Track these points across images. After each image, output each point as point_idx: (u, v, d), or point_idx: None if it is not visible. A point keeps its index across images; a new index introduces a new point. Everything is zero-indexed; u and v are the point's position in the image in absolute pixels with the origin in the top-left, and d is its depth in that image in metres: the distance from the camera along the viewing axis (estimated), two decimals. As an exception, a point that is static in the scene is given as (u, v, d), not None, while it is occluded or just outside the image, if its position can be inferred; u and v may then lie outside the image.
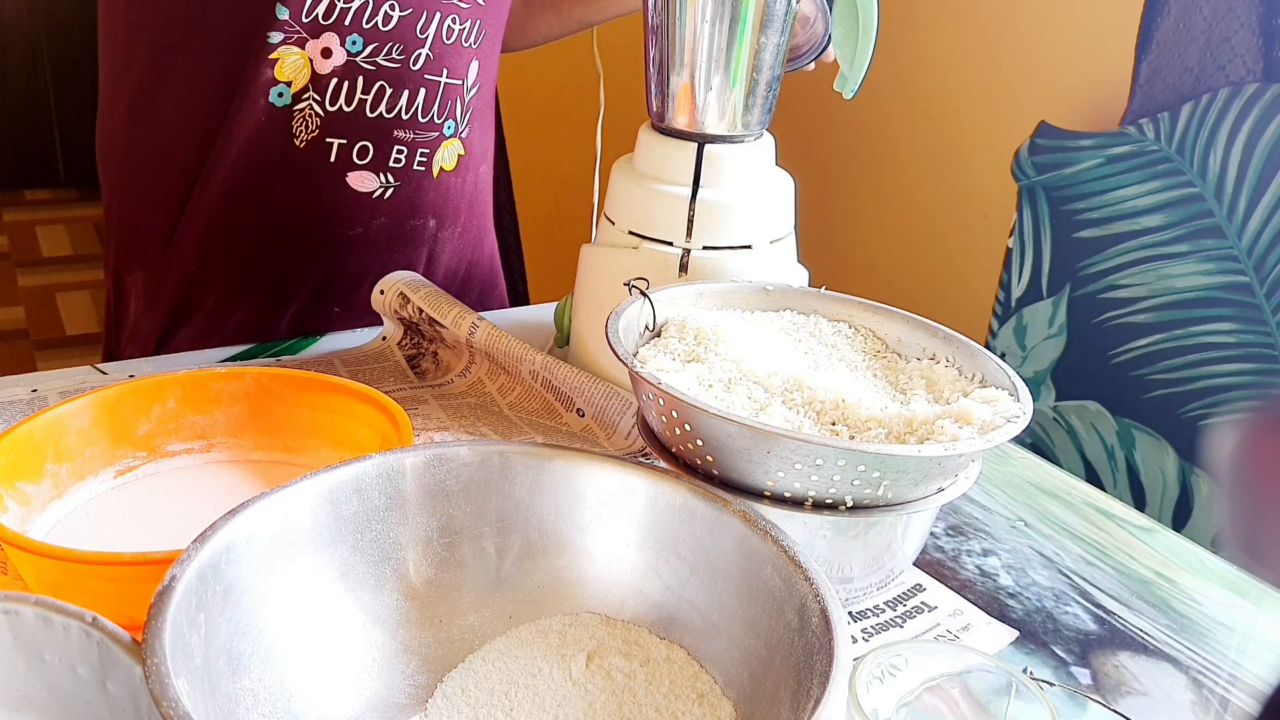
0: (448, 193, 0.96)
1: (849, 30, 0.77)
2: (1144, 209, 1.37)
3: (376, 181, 0.91)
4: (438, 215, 0.96)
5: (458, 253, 1.01)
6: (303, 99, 0.85)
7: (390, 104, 0.88)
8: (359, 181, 0.90)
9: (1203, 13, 1.28)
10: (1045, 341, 1.52)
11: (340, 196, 0.90)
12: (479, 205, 1.03)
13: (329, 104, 0.86)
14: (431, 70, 0.89)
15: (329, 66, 0.85)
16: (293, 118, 0.86)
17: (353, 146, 0.88)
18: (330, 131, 0.87)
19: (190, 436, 0.66)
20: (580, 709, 0.47)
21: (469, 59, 0.92)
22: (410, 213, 0.94)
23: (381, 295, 0.87)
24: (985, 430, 0.55)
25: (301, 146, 0.87)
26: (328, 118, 0.87)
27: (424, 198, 0.94)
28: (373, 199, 0.91)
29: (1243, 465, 0.29)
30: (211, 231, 0.90)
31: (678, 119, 0.75)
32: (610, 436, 0.75)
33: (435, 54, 0.89)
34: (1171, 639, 0.62)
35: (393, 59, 0.86)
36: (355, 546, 0.49)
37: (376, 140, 0.89)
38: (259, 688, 0.44)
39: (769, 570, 0.47)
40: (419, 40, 0.87)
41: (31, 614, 0.41)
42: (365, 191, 0.91)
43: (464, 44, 0.91)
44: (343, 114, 0.87)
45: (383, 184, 0.91)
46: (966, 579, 0.66)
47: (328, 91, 0.86)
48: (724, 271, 0.75)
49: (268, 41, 0.83)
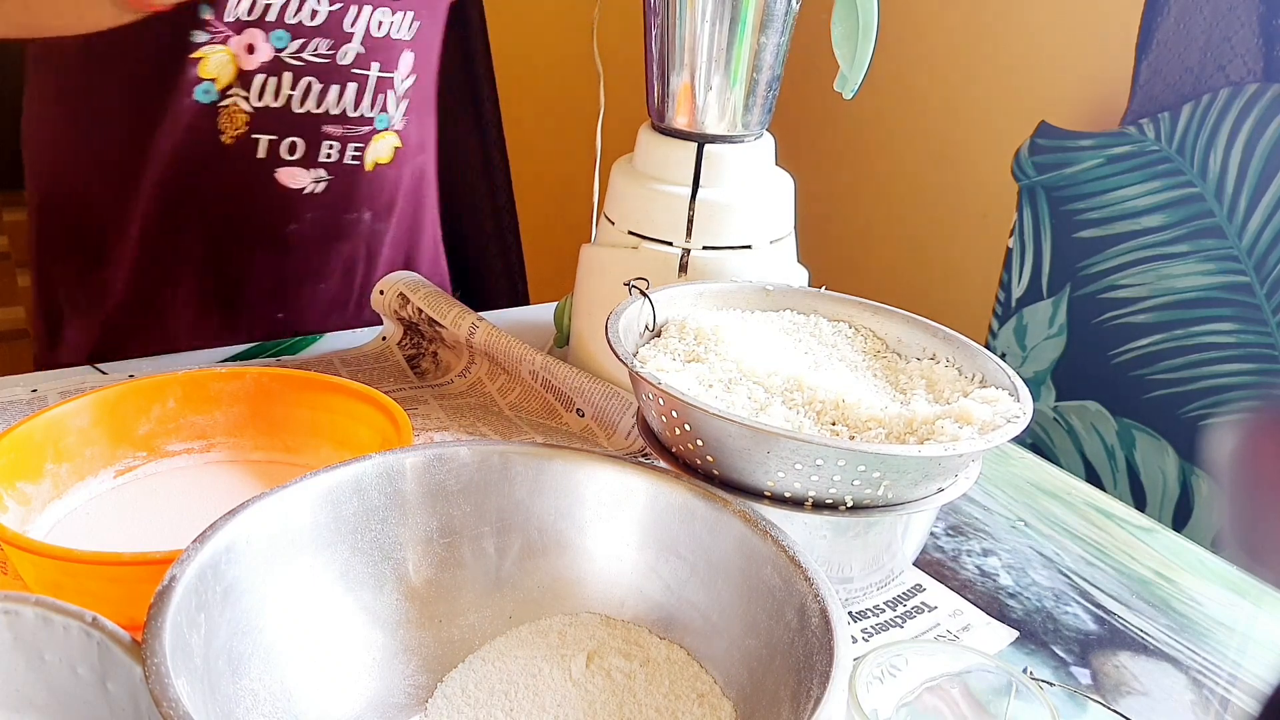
0: (383, 185, 0.95)
1: (849, 30, 0.77)
2: (1144, 209, 1.37)
3: (307, 177, 0.90)
4: (373, 208, 0.95)
5: (396, 244, 1.00)
6: (229, 95, 0.84)
7: (319, 99, 0.87)
8: (289, 178, 0.89)
9: (1203, 13, 1.28)
10: (1045, 341, 1.52)
11: (271, 193, 0.89)
12: (418, 195, 1.02)
13: (256, 100, 0.85)
14: (361, 64, 0.88)
15: (255, 63, 0.84)
16: (219, 115, 0.85)
17: (281, 142, 0.87)
18: (258, 128, 0.86)
19: (190, 436, 0.66)
20: (580, 709, 0.47)
21: (401, 51, 0.91)
22: (344, 206, 0.93)
23: (381, 295, 0.87)
24: (985, 430, 0.55)
25: (229, 143, 0.86)
26: (255, 114, 0.86)
27: (357, 192, 0.93)
28: (304, 195, 0.90)
29: (1243, 465, 0.29)
30: (146, 231, 0.89)
31: (678, 119, 0.75)
32: (610, 436, 0.75)
33: (366, 48, 0.88)
34: (1171, 639, 0.62)
35: (320, 54, 0.86)
36: (355, 546, 0.49)
37: (306, 136, 0.88)
38: (259, 688, 0.44)
39: (769, 570, 0.47)
40: (347, 35, 0.86)
41: (31, 614, 0.41)
42: (296, 188, 0.90)
43: (395, 37, 0.90)
44: (270, 110, 0.86)
45: (314, 179, 0.90)
46: (966, 579, 0.66)
47: (254, 88, 0.85)
48: (724, 271, 0.75)
49: (191, 40, 0.82)
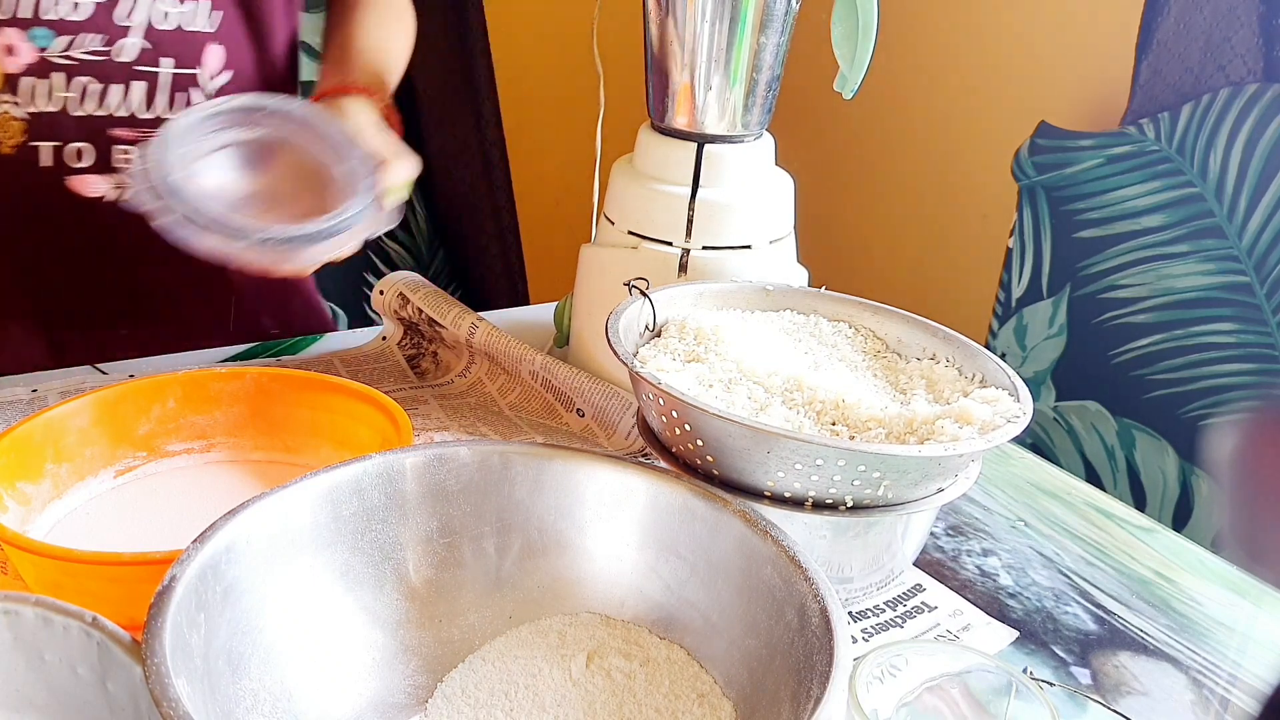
0: None
1: (849, 30, 0.76)
2: (1144, 209, 1.37)
3: (106, 185, 0.84)
4: None
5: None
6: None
7: (99, 100, 0.81)
8: (85, 186, 0.84)
9: (1203, 13, 1.28)
10: (1045, 341, 1.52)
11: (68, 204, 0.83)
12: None
13: (28, 104, 0.80)
14: (147, 61, 0.82)
15: (18, 65, 0.79)
16: None
17: (66, 148, 0.82)
18: (37, 135, 0.81)
19: (190, 436, 0.66)
20: (580, 709, 0.47)
21: (203, 45, 0.84)
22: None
23: (381, 295, 0.87)
24: (985, 430, 0.55)
25: (10, 153, 0.81)
26: (31, 120, 0.81)
27: None
28: (113, 205, 0.84)
29: (1243, 465, 0.29)
30: None
31: (678, 119, 0.75)
32: (610, 436, 0.75)
33: (152, 42, 0.81)
34: (1171, 639, 0.62)
35: (93, 52, 0.80)
36: (355, 546, 0.49)
37: (94, 140, 0.82)
38: (259, 688, 0.44)
39: (769, 570, 0.47)
40: (121, 29, 0.80)
41: (31, 614, 0.41)
42: (96, 196, 0.84)
43: (190, 29, 0.83)
44: (46, 115, 0.81)
45: (117, 186, 0.84)
46: (966, 579, 0.66)
47: (21, 91, 0.80)
48: (724, 271, 0.75)
49: None
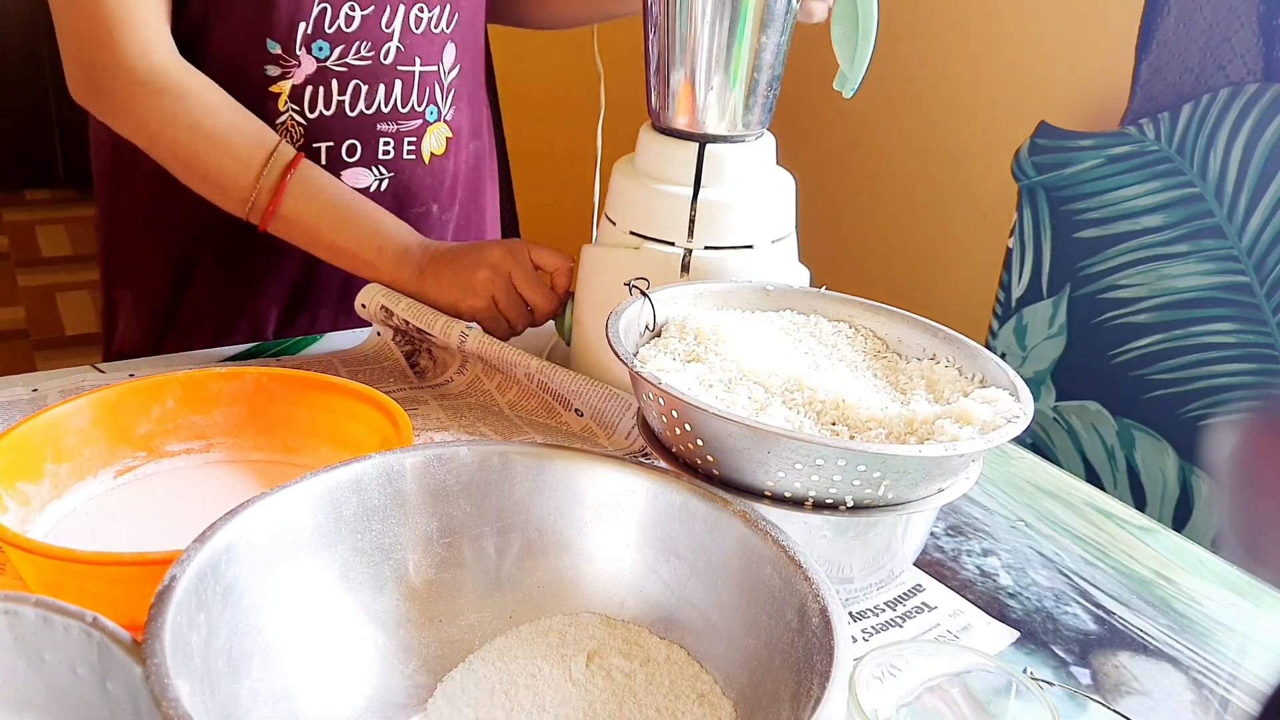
0: (442, 175, 0.97)
1: (849, 30, 0.76)
2: (1144, 209, 1.37)
3: (370, 176, 0.92)
4: (436, 199, 0.98)
5: (459, 232, 1.02)
6: (283, 112, 0.87)
7: (368, 100, 0.90)
8: (354, 178, 0.92)
9: (1203, 13, 1.28)
10: (1045, 341, 1.52)
11: None
12: (474, 181, 1.04)
13: (309, 111, 0.88)
14: (404, 61, 0.90)
15: (301, 76, 0.87)
16: (276, 130, 0.87)
17: (340, 147, 0.90)
18: (316, 137, 0.89)
19: (190, 436, 0.66)
20: (580, 709, 0.47)
21: (443, 44, 0.93)
22: (409, 200, 0.95)
23: (364, 309, 0.85)
24: (986, 430, 0.55)
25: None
26: (310, 125, 0.88)
27: (419, 184, 0.95)
28: (369, 193, 0.92)
29: (1243, 465, 0.29)
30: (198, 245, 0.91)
31: (678, 119, 0.75)
32: (610, 436, 0.75)
33: (405, 45, 0.90)
34: (1171, 639, 0.62)
35: (362, 57, 0.88)
36: (355, 546, 0.49)
37: (362, 137, 0.91)
38: (259, 688, 0.44)
39: (769, 570, 0.47)
40: (385, 35, 0.88)
41: (31, 614, 0.41)
42: (361, 187, 0.92)
43: (435, 30, 0.91)
44: (324, 119, 0.89)
45: (377, 177, 0.93)
46: (966, 579, 0.66)
47: (304, 100, 0.88)
48: (725, 271, 0.75)
49: (266, 75, 0.86)
